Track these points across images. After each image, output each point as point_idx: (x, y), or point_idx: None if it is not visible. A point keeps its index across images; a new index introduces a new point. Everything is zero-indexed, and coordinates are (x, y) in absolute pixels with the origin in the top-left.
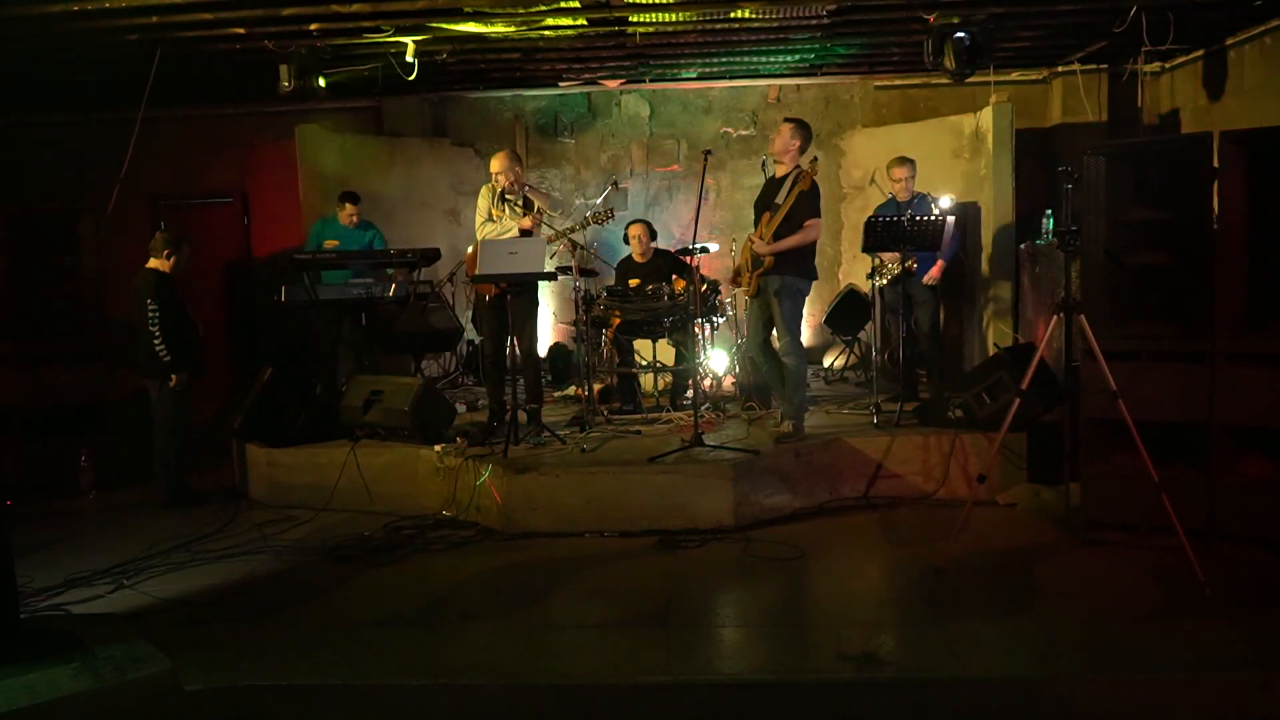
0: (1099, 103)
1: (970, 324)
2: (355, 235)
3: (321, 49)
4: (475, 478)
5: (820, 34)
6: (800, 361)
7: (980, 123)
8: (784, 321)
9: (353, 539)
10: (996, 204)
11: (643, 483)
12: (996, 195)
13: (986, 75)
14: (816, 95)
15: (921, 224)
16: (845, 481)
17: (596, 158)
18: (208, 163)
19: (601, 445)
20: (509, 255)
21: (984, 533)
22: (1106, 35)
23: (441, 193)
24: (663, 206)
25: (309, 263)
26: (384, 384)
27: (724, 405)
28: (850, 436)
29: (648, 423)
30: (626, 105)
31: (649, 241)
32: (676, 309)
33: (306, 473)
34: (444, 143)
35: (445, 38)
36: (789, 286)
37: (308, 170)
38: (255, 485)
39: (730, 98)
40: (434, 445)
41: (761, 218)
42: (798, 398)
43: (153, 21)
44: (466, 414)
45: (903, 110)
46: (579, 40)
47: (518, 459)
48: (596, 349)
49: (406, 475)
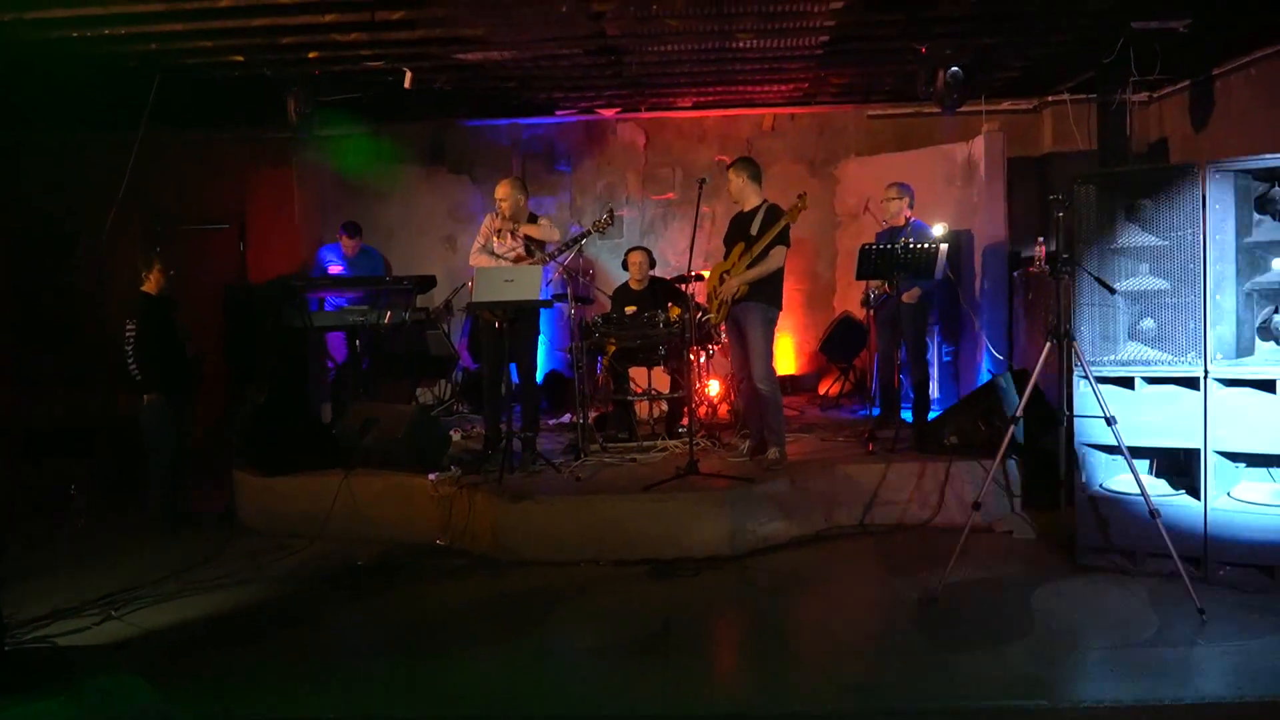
0: (1089, 131)
1: (964, 349)
2: (357, 263)
3: (320, 76)
4: (470, 505)
5: (814, 63)
6: (775, 388)
7: (973, 151)
8: (758, 349)
9: (346, 567)
10: (989, 231)
11: (638, 511)
12: (989, 222)
13: (978, 104)
14: (810, 123)
15: (915, 251)
16: (841, 508)
17: (593, 185)
18: (206, 187)
19: (597, 473)
20: (505, 283)
21: (980, 559)
22: (1095, 66)
23: (438, 219)
24: (658, 234)
25: (305, 288)
26: (379, 411)
27: (719, 433)
28: (846, 463)
29: (643, 451)
30: (622, 134)
31: (647, 269)
32: (672, 336)
33: (301, 500)
34: (440, 170)
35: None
36: (762, 315)
37: (305, 196)
38: (249, 511)
39: (725, 126)
40: (429, 473)
41: (733, 250)
42: (778, 423)
43: (152, 49)
44: (461, 441)
45: (896, 138)
46: (575, 69)
47: (513, 487)
48: (593, 377)
49: (401, 503)
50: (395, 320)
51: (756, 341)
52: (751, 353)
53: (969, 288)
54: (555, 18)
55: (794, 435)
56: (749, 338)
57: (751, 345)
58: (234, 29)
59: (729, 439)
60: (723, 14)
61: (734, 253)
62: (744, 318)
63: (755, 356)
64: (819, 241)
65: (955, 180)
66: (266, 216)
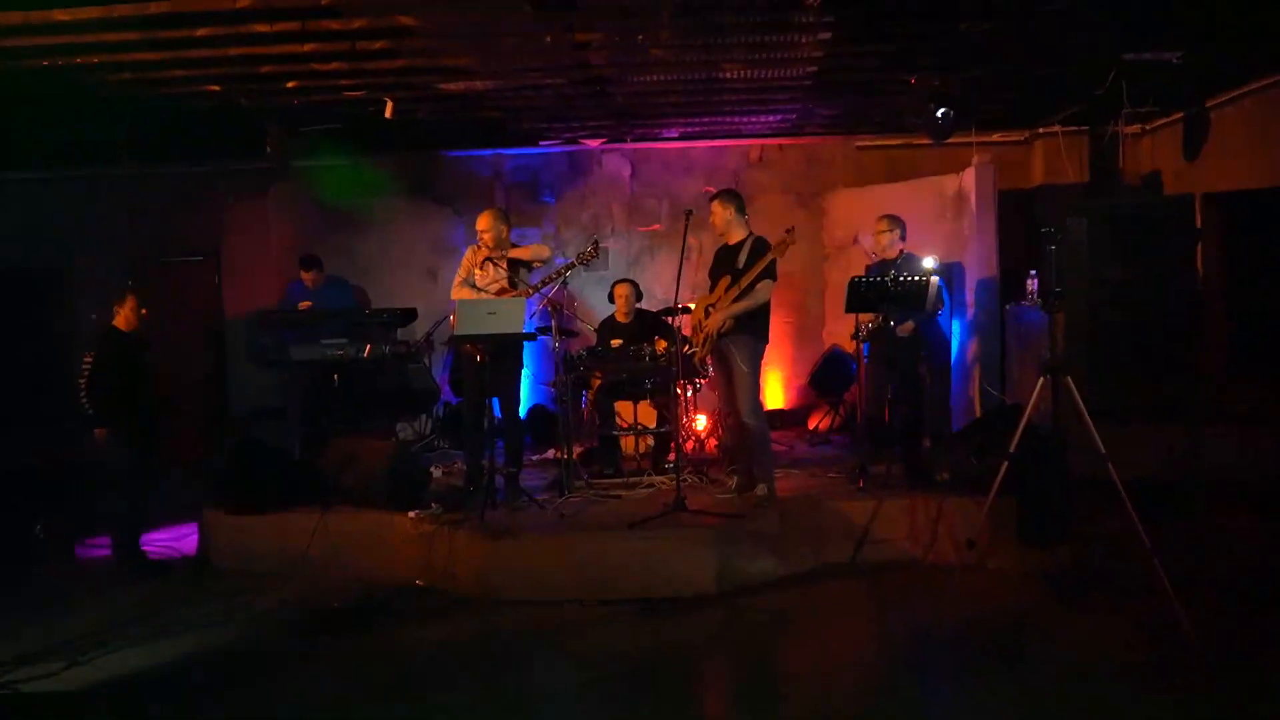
0: (1080, 163)
1: (957, 385)
2: (325, 295)
3: (299, 106)
4: (451, 544)
5: (802, 94)
6: (763, 423)
7: (963, 183)
8: (745, 383)
9: (323, 609)
10: (980, 264)
11: (624, 549)
12: (980, 255)
13: (968, 136)
14: (799, 155)
15: (905, 284)
16: (831, 546)
17: (577, 216)
18: (181, 220)
19: (582, 510)
20: (487, 316)
21: (974, 597)
22: (1088, 97)
23: (420, 251)
24: (644, 266)
25: (282, 322)
26: (358, 447)
27: (707, 468)
28: (836, 500)
29: (629, 487)
30: (608, 164)
31: (634, 302)
32: (658, 370)
33: (276, 540)
34: (423, 202)
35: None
36: (749, 348)
37: (283, 228)
38: (223, 552)
39: (712, 157)
40: (408, 511)
41: (719, 283)
42: (766, 459)
43: (125, 78)
44: (442, 478)
45: (885, 170)
46: (560, 100)
47: (496, 524)
48: (577, 411)
49: (380, 542)
50: (375, 354)
51: (743, 375)
52: (738, 387)
53: (961, 321)
54: (539, 48)
55: (783, 471)
56: (736, 372)
57: (738, 379)
58: (210, 58)
59: (717, 475)
60: (709, 44)
61: (719, 286)
62: (730, 352)
63: (742, 391)
64: (807, 274)
65: (946, 212)
66: (243, 249)
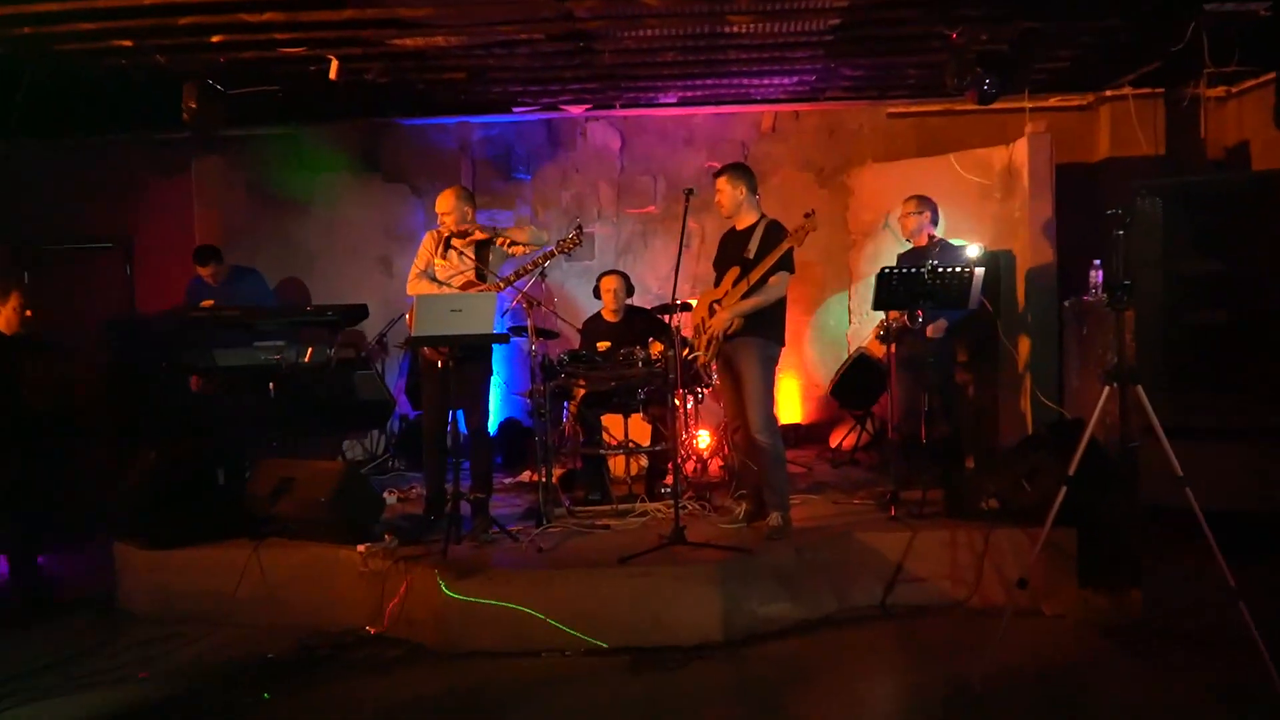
0: (1154, 133)
1: (1006, 396)
2: (232, 291)
3: (226, 65)
4: (408, 583)
5: (823, 52)
6: (777, 439)
7: (1013, 157)
8: (756, 393)
9: (256, 660)
10: (1034, 253)
11: (613, 589)
12: (1033, 242)
13: (1020, 101)
14: (818, 124)
15: (945, 276)
16: (857, 586)
17: (557, 197)
18: (86, 201)
19: (562, 543)
20: (451, 314)
21: (1027, 649)
22: (1162, 55)
23: (371, 238)
24: (636, 255)
25: (206, 322)
26: (296, 469)
27: (710, 494)
28: (863, 531)
29: (618, 515)
30: (593, 135)
31: (624, 298)
32: (653, 377)
33: (200, 578)
34: (374, 179)
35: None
36: (760, 352)
37: (207, 212)
38: (137, 593)
39: (716, 127)
40: (357, 544)
41: (725, 275)
42: (780, 482)
43: (24, 33)
44: (398, 505)
45: (920, 142)
46: (537, 58)
47: (461, 560)
48: (557, 426)
49: (323, 581)
50: (317, 359)
51: (754, 384)
52: (748, 398)
53: (1010, 320)
54: None
55: (800, 496)
56: (745, 379)
57: (748, 389)
58: (121, 8)
59: (722, 501)
60: None
61: (726, 279)
62: (739, 356)
63: (752, 402)
64: (829, 264)
65: (993, 192)
66: (160, 235)
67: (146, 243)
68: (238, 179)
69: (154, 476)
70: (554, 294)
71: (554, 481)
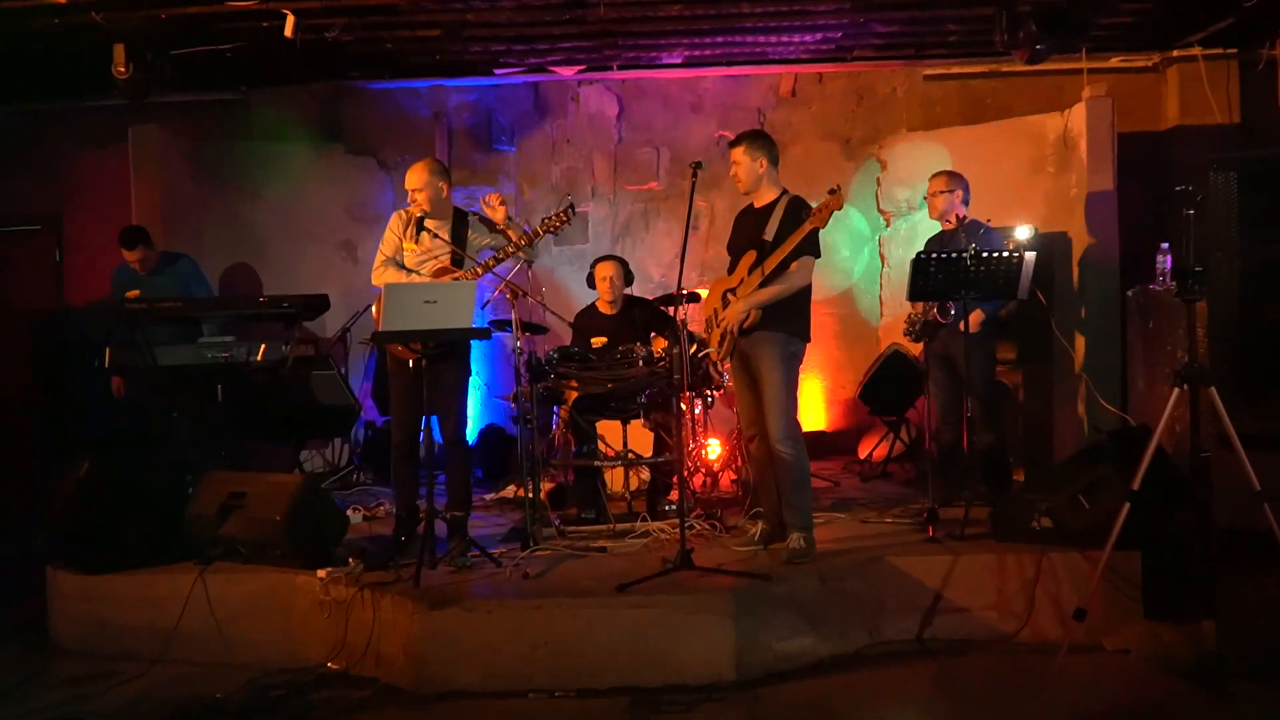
0: (1227, 99)
1: (1060, 399)
2: (163, 281)
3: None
4: (375, 614)
5: (850, 4)
6: (800, 450)
7: (1069, 125)
8: (775, 397)
9: (201, 703)
10: (1092, 235)
11: (609, 621)
12: (1092, 223)
13: (1077, 61)
14: (845, 88)
15: (991, 262)
16: (890, 617)
17: (546, 172)
18: (8, 178)
19: (552, 568)
20: (424, 305)
21: (1085, 690)
22: (1235, 10)
23: (332, 219)
24: (637, 238)
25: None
26: (248, 484)
27: (721, 512)
28: (896, 555)
29: (616, 536)
30: (587, 101)
31: (622, 287)
32: (656, 378)
33: (138, 608)
34: (336, 151)
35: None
36: (781, 349)
37: (146, 188)
38: (69, 624)
39: (728, 92)
40: (317, 569)
41: (741, 260)
42: (802, 498)
43: None
44: (363, 524)
45: (963, 108)
46: (522, 12)
47: (436, 588)
48: (546, 434)
49: (278, 611)
50: (271, 357)
51: (774, 386)
52: (767, 401)
53: (1065, 312)
54: None
55: (825, 515)
56: (763, 380)
57: (767, 391)
58: None
59: (735, 520)
60: None
61: (742, 264)
62: (756, 353)
63: (772, 406)
64: (858, 248)
65: (1046, 165)
66: (93, 215)
67: (78, 223)
68: (180, 151)
69: (85, 491)
70: (542, 283)
71: (542, 498)
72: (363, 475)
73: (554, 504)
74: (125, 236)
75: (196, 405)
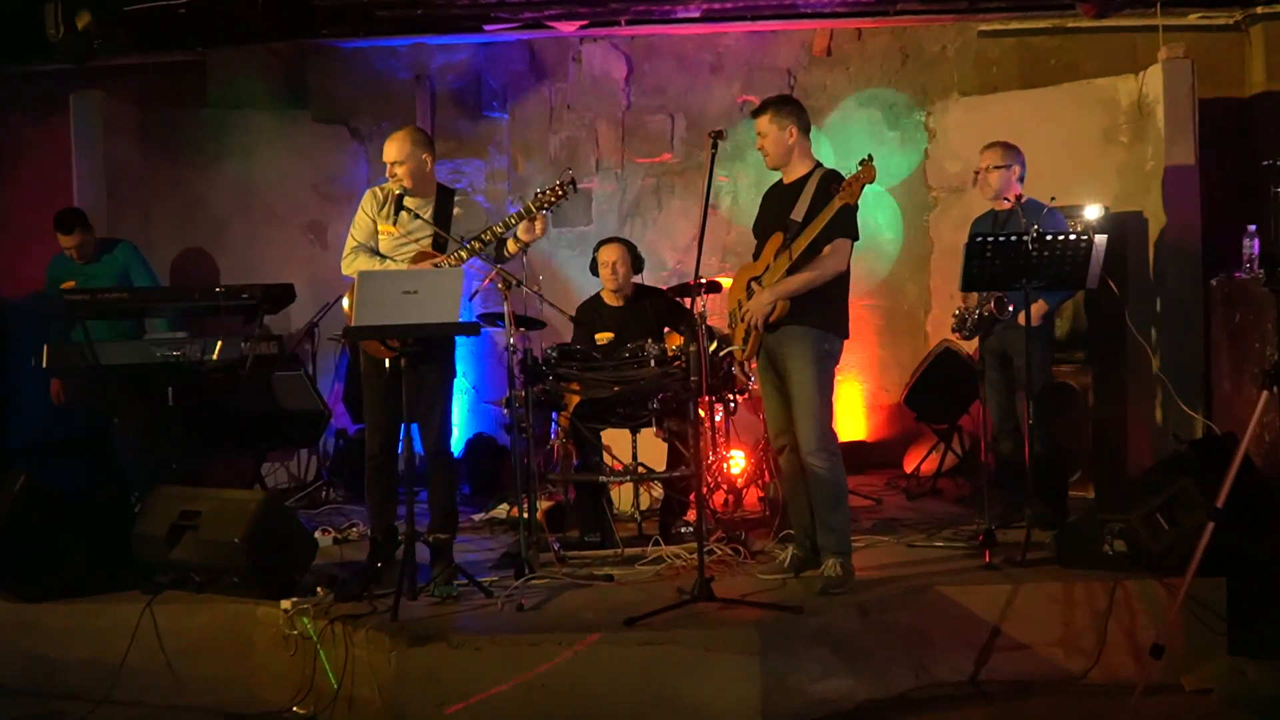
0: None
1: (1135, 403)
2: (98, 271)
3: None
4: (348, 651)
5: None
6: (836, 462)
7: (1144, 89)
8: (808, 401)
9: None
10: (1171, 215)
11: (616, 659)
12: (1171, 201)
13: (1150, 16)
14: (888, 45)
15: (1057, 246)
16: (940, 655)
17: (543, 143)
18: None
19: (550, 599)
20: (403, 296)
21: None
22: None
23: (299, 196)
24: (647, 218)
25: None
26: (202, 501)
27: (746, 534)
28: (948, 584)
29: (624, 562)
30: (591, 61)
31: (629, 275)
32: (670, 380)
33: (81, 642)
34: (302, 118)
35: None
36: (814, 345)
37: (88, 162)
38: (6, 658)
39: (753, 50)
40: (281, 599)
41: (767, 244)
42: (839, 518)
43: None
44: (334, 547)
45: (1022, 69)
46: None
47: (417, 622)
48: (543, 445)
49: (236, 647)
50: (229, 356)
51: (806, 388)
52: (797, 406)
53: (1140, 303)
54: None
55: (865, 538)
56: (794, 383)
57: (797, 395)
58: None
59: (761, 544)
60: None
61: (768, 248)
62: (785, 351)
63: (803, 412)
64: (904, 231)
65: (1118, 135)
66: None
67: (11, 203)
68: (129, 120)
69: (20, 508)
70: (538, 270)
71: (539, 518)
72: (333, 491)
73: (552, 525)
74: (61, 220)
75: (144, 411)
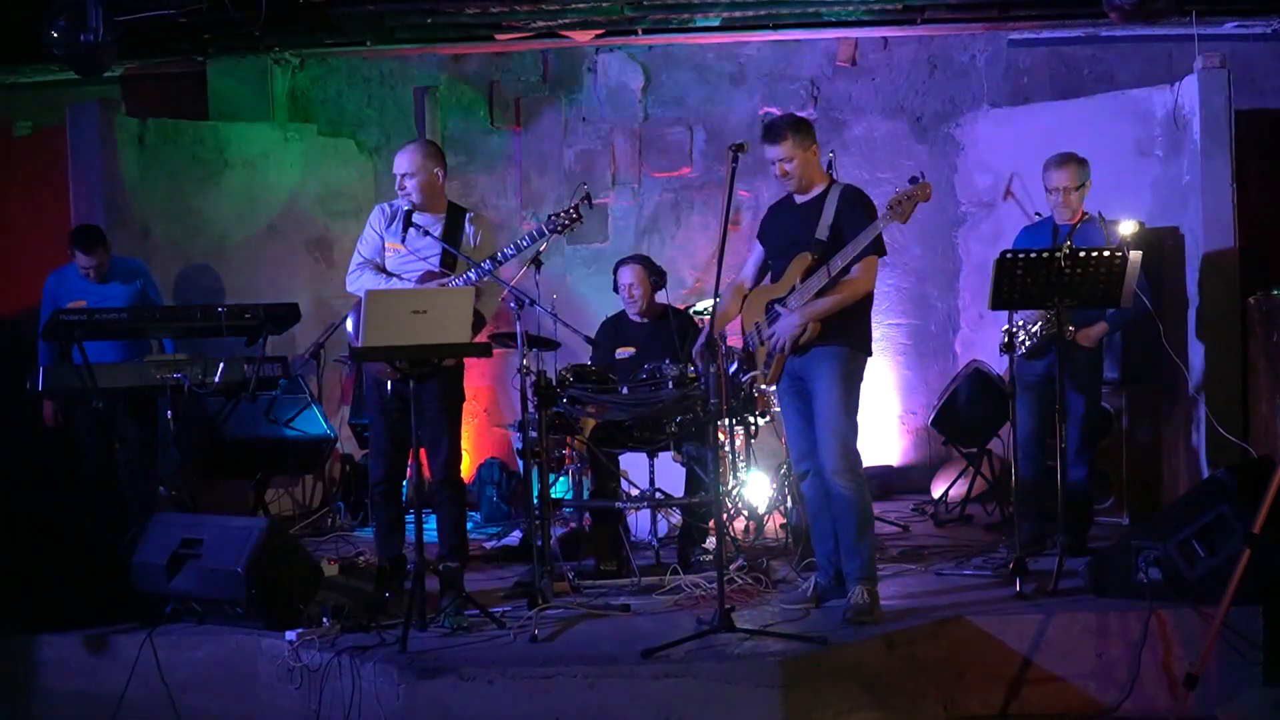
0: None
1: (1170, 427)
2: (114, 292)
3: None
4: (355, 685)
5: None
6: (862, 486)
7: (1180, 100)
8: (833, 421)
9: None
10: (1207, 231)
11: (633, 693)
12: (1208, 217)
13: (1186, 24)
14: (915, 55)
15: (1088, 262)
16: (971, 689)
17: (557, 156)
18: None
19: (565, 630)
20: (411, 316)
21: None
22: None
23: (303, 212)
24: (665, 234)
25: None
26: (203, 528)
27: (767, 562)
28: (977, 614)
29: (641, 592)
30: (608, 72)
31: (649, 294)
32: (689, 402)
33: (75, 675)
34: (307, 131)
35: None
36: (843, 365)
37: (85, 175)
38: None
39: (775, 60)
40: (285, 630)
41: (793, 263)
42: (864, 546)
43: None
44: (340, 576)
45: (1055, 80)
46: None
47: (426, 654)
48: (557, 470)
49: (239, 681)
50: (231, 378)
51: (832, 409)
52: (821, 427)
53: (1176, 323)
54: None
55: (892, 566)
56: (820, 402)
57: (822, 414)
58: None
59: (783, 572)
60: None
61: (792, 269)
62: (813, 372)
63: (827, 432)
64: (929, 246)
65: (1153, 148)
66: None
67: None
68: (127, 132)
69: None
70: (552, 288)
71: (553, 545)
72: (339, 519)
73: (567, 553)
74: (84, 237)
75: (143, 435)
